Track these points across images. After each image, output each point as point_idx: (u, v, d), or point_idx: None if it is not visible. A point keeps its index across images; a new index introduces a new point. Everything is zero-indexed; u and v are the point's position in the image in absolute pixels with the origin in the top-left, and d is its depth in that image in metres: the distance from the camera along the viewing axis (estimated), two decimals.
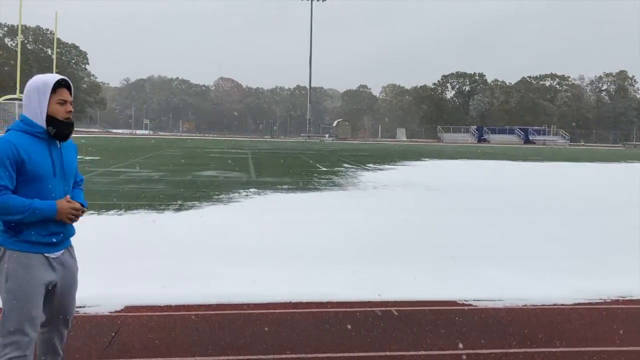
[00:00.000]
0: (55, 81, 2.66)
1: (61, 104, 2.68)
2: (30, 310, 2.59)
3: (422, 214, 9.93)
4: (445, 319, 4.57)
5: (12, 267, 2.57)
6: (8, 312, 2.57)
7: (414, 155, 33.19)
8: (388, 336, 4.14)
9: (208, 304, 4.76)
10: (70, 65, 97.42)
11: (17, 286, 2.56)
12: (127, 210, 9.42)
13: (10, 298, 2.56)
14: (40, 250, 2.63)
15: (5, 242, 2.59)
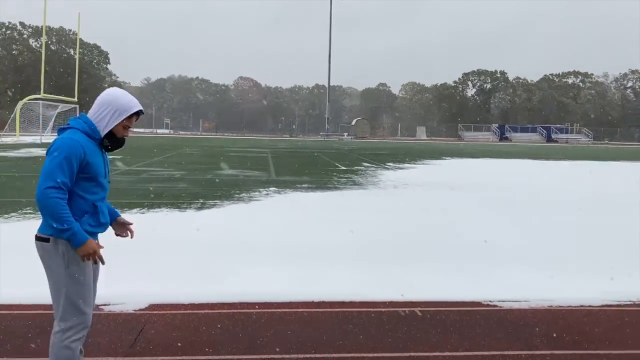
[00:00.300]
0: (138, 109, 2.91)
1: (125, 128, 2.93)
2: (89, 294, 2.84)
3: (444, 214, 9.84)
4: (470, 319, 4.52)
5: (71, 255, 2.74)
6: (71, 297, 2.76)
7: (435, 154, 32.98)
8: (412, 337, 4.10)
9: (231, 302, 4.77)
10: (92, 65, 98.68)
11: (79, 271, 2.77)
12: (150, 208, 9.50)
13: (73, 282, 2.76)
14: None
15: (56, 232, 2.73)
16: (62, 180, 2.67)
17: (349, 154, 32.20)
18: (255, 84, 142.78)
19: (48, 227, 2.77)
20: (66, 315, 2.77)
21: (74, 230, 2.69)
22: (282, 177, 16.31)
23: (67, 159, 2.69)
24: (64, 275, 2.75)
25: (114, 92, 2.92)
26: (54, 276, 2.78)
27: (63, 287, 2.75)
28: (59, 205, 2.66)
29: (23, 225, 7.78)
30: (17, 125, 41.76)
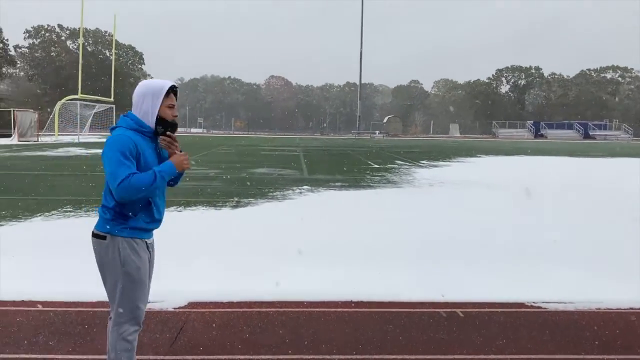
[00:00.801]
0: (168, 87, 2.87)
1: (170, 107, 2.90)
2: (144, 290, 2.89)
3: (482, 212, 9.65)
4: (514, 321, 4.39)
5: (126, 252, 2.79)
6: (126, 293, 2.82)
7: (469, 152, 32.51)
8: (455, 338, 4.00)
9: (269, 301, 4.74)
10: (127, 66, 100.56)
11: (134, 269, 2.81)
12: (187, 207, 9.57)
13: (129, 280, 2.80)
14: (143, 236, 2.88)
15: (113, 229, 2.79)
16: (126, 173, 2.67)
17: (381, 152, 32.01)
18: (286, 82, 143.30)
19: (104, 225, 2.80)
20: (122, 311, 2.84)
21: (158, 171, 2.74)
22: (315, 175, 16.28)
23: (121, 153, 2.70)
24: (120, 272, 2.80)
25: (144, 83, 2.93)
26: (110, 273, 2.83)
27: (119, 283, 2.81)
28: (135, 179, 2.66)
29: (64, 223, 7.92)
30: (55, 125, 42.81)
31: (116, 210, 2.80)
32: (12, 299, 4.62)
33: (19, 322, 4.14)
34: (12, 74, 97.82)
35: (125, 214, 2.81)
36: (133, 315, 2.86)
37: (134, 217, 2.81)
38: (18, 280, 5.06)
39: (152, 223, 2.91)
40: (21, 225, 7.75)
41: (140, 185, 2.68)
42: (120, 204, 2.79)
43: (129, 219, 2.81)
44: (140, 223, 2.84)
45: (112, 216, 2.81)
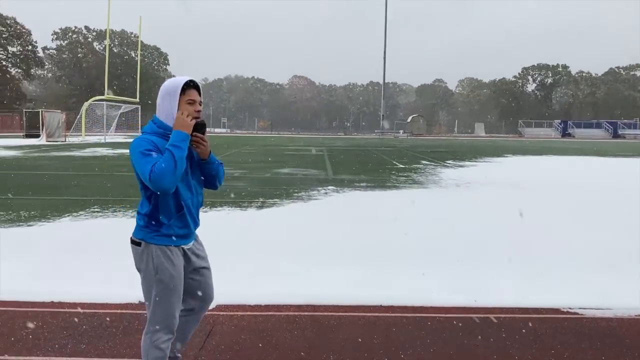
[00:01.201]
0: (183, 82, 2.79)
1: (190, 103, 2.79)
2: (178, 298, 2.84)
3: (512, 214, 9.45)
4: (549, 328, 4.25)
5: (159, 260, 2.76)
6: (160, 301, 2.79)
7: (495, 151, 32.07)
8: (489, 345, 3.89)
9: (297, 304, 4.68)
10: (152, 67, 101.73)
11: (167, 277, 2.77)
12: (212, 207, 9.57)
13: (162, 288, 2.78)
14: (178, 243, 2.84)
15: (146, 237, 2.77)
16: (150, 166, 2.60)
17: (405, 151, 31.77)
18: (309, 82, 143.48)
19: (139, 231, 2.80)
20: (155, 318, 2.82)
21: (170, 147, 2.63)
22: (340, 175, 16.20)
23: (141, 152, 2.66)
24: (154, 279, 2.78)
25: (164, 83, 2.88)
26: (144, 279, 2.83)
27: (153, 290, 2.79)
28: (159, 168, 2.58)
29: (91, 224, 7.98)
30: (82, 125, 43.49)
31: (149, 217, 2.79)
32: (41, 300, 4.63)
33: (49, 323, 4.14)
34: (40, 75, 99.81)
35: (159, 220, 2.77)
36: (166, 323, 2.83)
37: (167, 223, 2.77)
38: (46, 281, 5.08)
39: (184, 228, 2.84)
40: (50, 225, 7.82)
41: (166, 167, 2.59)
42: (153, 210, 2.77)
43: (162, 226, 2.77)
44: (174, 229, 2.79)
45: (145, 223, 2.79)
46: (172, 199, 2.77)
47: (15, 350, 3.65)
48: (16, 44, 78.26)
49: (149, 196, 2.78)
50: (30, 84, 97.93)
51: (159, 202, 2.76)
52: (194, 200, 2.89)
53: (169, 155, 2.62)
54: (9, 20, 77.34)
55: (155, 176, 2.58)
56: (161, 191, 2.64)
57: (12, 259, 5.88)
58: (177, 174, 2.63)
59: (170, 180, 2.60)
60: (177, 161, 2.62)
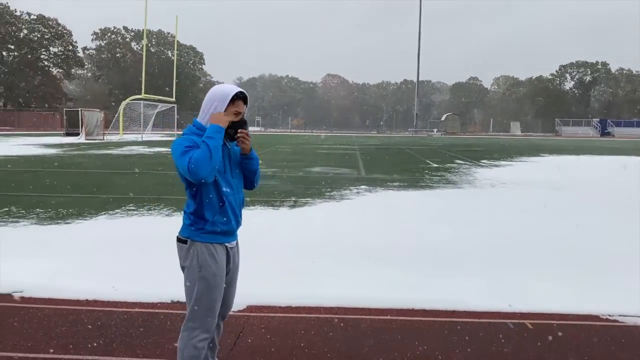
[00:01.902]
0: (233, 93, 2.83)
1: (236, 114, 2.86)
2: (219, 296, 2.88)
3: (549, 215, 9.23)
4: (587, 335, 4.12)
5: (203, 257, 2.81)
6: (200, 297, 2.83)
7: (532, 151, 31.44)
8: (524, 352, 3.78)
9: (328, 306, 4.65)
10: (188, 66, 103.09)
11: (210, 275, 2.81)
12: (245, 206, 9.60)
13: (204, 285, 2.81)
14: (222, 241, 2.88)
15: (192, 234, 2.83)
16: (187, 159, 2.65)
17: (439, 150, 31.41)
18: (343, 80, 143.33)
19: (185, 230, 2.86)
20: (194, 316, 2.85)
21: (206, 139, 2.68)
22: (373, 174, 16.10)
23: (181, 151, 2.71)
24: (197, 277, 2.82)
25: (213, 89, 2.92)
26: (188, 277, 2.86)
27: (195, 288, 2.83)
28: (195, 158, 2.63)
29: (127, 222, 8.10)
30: (120, 124, 44.40)
31: (195, 215, 2.84)
32: (75, 298, 4.71)
33: (82, 322, 4.21)
34: (80, 74, 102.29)
35: (203, 218, 2.83)
36: (205, 321, 2.86)
37: (211, 220, 2.82)
38: (79, 279, 5.17)
39: (228, 224, 2.87)
40: (87, 223, 7.98)
41: (202, 156, 2.64)
42: (198, 209, 2.83)
43: (207, 223, 2.82)
44: (218, 226, 2.84)
45: (191, 221, 2.85)
46: (215, 194, 2.83)
47: (45, 349, 3.71)
48: (57, 44, 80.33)
49: (194, 195, 2.84)
50: (70, 83, 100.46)
51: (203, 199, 2.82)
52: (235, 198, 2.93)
53: (203, 146, 2.68)
54: (50, 21, 79.48)
55: (193, 166, 2.64)
56: (200, 180, 2.68)
57: (48, 256, 6.01)
58: (214, 162, 2.67)
59: (206, 168, 2.64)
60: (212, 150, 2.66)
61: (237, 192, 2.96)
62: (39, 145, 28.95)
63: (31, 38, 77.53)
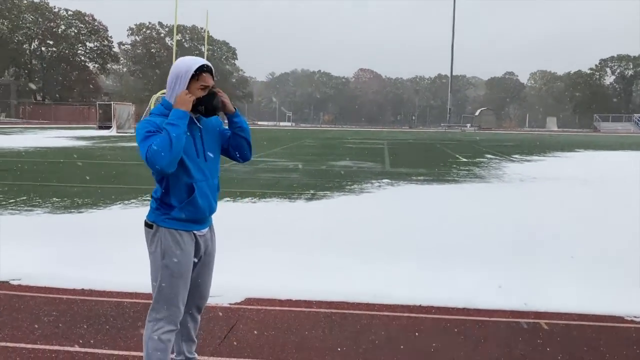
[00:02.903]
0: (196, 67, 2.59)
1: (202, 89, 2.62)
2: (184, 287, 2.68)
3: (577, 211, 8.78)
4: (609, 338, 3.78)
5: (167, 244, 2.61)
6: (164, 288, 2.64)
7: (567, 146, 30.50)
8: (537, 354, 3.48)
9: (330, 300, 4.41)
10: (221, 61, 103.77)
11: (174, 263, 2.62)
12: (261, 198, 9.45)
13: (167, 274, 2.62)
14: (190, 228, 2.67)
15: (157, 219, 2.64)
16: (150, 144, 2.45)
17: (471, 145, 30.74)
18: (375, 75, 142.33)
19: (151, 214, 2.68)
20: (157, 306, 2.67)
21: (167, 125, 2.47)
22: (397, 168, 15.75)
23: (142, 135, 2.51)
24: (160, 264, 2.64)
25: (175, 64, 2.66)
26: (152, 264, 2.70)
27: (158, 276, 2.66)
28: (154, 147, 2.42)
29: (139, 212, 8.00)
30: None
31: (161, 200, 2.66)
32: (71, 287, 4.59)
33: (70, 310, 4.07)
34: (116, 69, 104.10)
35: (169, 204, 2.64)
36: (169, 313, 2.66)
37: (178, 206, 2.62)
38: (78, 268, 5.05)
39: (197, 213, 2.66)
40: (99, 212, 7.91)
41: (161, 145, 2.42)
42: (165, 195, 2.64)
43: (173, 209, 2.62)
44: (185, 213, 2.63)
45: (157, 205, 2.67)
46: (183, 181, 2.62)
47: (27, 339, 3.58)
48: (93, 39, 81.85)
49: (160, 180, 2.66)
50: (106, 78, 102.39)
51: (170, 185, 2.63)
52: (208, 184, 2.71)
53: (164, 134, 2.47)
54: (87, 17, 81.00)
55: (150, 155, 2.44)
56: (158, 171, 2.49)
57: (52, 245, 5.93)
58: (174, 152, 2.45)
59: (165, 159, 2.43)
60: (173, 139, 2.44)
61: (210, 177, 2.73)
62: (71, 138, 29.44)
63: (68, 34, 79.17)
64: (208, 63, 2.63)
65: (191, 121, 2.63)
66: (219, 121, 2.86)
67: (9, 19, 71.62)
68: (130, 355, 3.35)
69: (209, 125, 2.76)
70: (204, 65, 2.60)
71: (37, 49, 78.85)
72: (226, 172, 13.65)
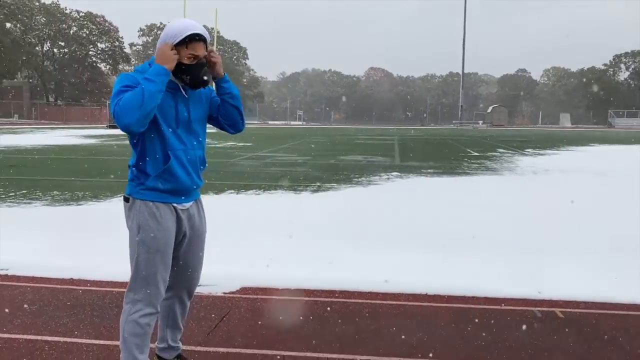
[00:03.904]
0: (186, 35, 2.35)
1: (190, 59, 2.39)
2: (162, 263, 2.44)
3: (590, 201, 8.48)
4: (627, 326, 3.51)
5: (143, 217, 2.40)
6: (141, 265, 2.42)
7: (581, 141, 29.96)
8: (551, 342, 3.21)
9: (331, 289, 4.17)
10: (232, 61, 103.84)
11: (150, 237, 2.40)
12: (266, 190, 9.22)
13: (144, 250, 2.40)
14: (168, 200, 2.44)
15: (132, 191, 2.44)
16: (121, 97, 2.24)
17: (482, 140, 30.30)
18: (386, 74, 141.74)
19: (128, 186, 2.47)
20: (135, 286, 2.45)
21: (144, 80, 2.25)
22: (407, 162, 15.46)
23: (122, 85, 2.29)
24: (136, 240, 2.42)
25: (168, 25, 2.42)
26: (130, 240, 2.47)
27: (135, 253, 2.43)
28: (125, 98, 2.21)
29: None
30: None
31: (136, 168, 2.44)
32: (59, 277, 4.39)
33: (55, 299, 3.86)
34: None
35: (143, 171, 2.41)
36: (148, 293, 2.43)
37: (153, 175, 2.39)
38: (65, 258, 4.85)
39: (174, 183, 2.42)
40: (98, 205, 7.73)
41: (131, 100, 2.20)
42: (139, 160, 2.40)
43: (148, 179, 2.40)
44: (162, 184, 2.40)
45: (132, 176, 2.46)
46: (159, 148, 2.39)
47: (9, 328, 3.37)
48: (105, 40, 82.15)
49: (135, 143, 2.44)
50: None
51: (146, 151, 2.40)
52: (188, 154, 2.46)
53: (138, 89, 2.23)
54: (98, 18, 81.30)
55: (119, 109, 2.21)
56: (125, 128, 2.24)
57: (45, 235, 5.75)
58: (144, 109, 2.22)
59: (133, 115, 2.20)
60: (146, 95, 2.21)
61: (192, 148, 2.49)
62: (80, 136, 29.43)
63: (80, 35, 79.45)
64: (202, 32, 2.38)
65: (177, 88, 2.43)
66: (209, 89, 2.63)
67: (21, 21, 72.06)
68: (113, 344, 3.12)
69: (195, 94, 2.53)
70: (196, 34, 2.36)
71: (49, 51, 79.32)
72: (232, 167, 13.46)
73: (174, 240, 2.49)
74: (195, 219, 2.58)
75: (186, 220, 2.53)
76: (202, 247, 2.67)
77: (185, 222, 2.52)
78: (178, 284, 2.64)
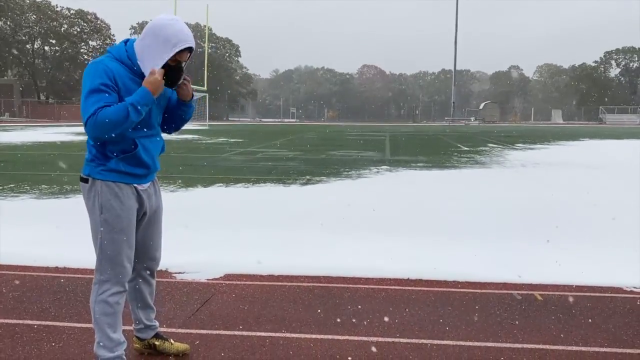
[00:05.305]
0: (186, 46, 2.38)
1: (174, 62, 2.42)
2: (126, 242, 2.46)
3: (576, 191, 8.55)
4: (605, 308, 3.55)
5: (106, 197, 2.41)
6: (105, 245, 2.44)
7: (571, 136, 30.13)
8: (529, 324, 3.25)
9: (314, 275, 4.20)
10: (224, 58, 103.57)
11: (114, 217, 2.41)
12: (255, 183, 9.24)
13: (108, 229, 2.42)
14: (129, 181, 2.46)
15: (92, 172, 2.43)
16: (95, 107, 2.25)
17: (473, 136, 30.41)
18: (379, 71, 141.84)
19: (86, 167, 2.46)
20: (101, 266, 2.47)
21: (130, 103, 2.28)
22: (397, 157, 15.51)
23: (99, 83, 2.29)
24: (99, 221, 2.43)
25: (160, 23, 2.38)
26: (91, 222, 2.48)
27: (98, 234, 2.44)
28: (105, 114, 2.24)
29: None
30: None
31: (96, 149, 2.43)
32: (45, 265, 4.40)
33: (39, 286, 3.87)
34: None
35: (106, 154, 2.41)
36: (114, 273, 2.46)
37: (116, 157, 2.40)
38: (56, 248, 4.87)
39: (138, 168, 2.47)
40: None
41: (110, 120, 2.24)
42: (101, 143, 2.39)
43: (110, 160, 2.41)
44: (124, 166, 2.43)
45: (92, 156, 2.45)
46: (127, 134, 2.40)
47: None
48: (96, 38, 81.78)
49: None
50: None
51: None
52: (152, 140, 2.54)
53: (121, 112, 2.27)
54: (89, 15, 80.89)
55: (94, 122, 2.25)
56: (93, 139, 2.33)
57: (32, 226, 5.76)
58: (119, 130, 2.30)
59: (107, 133, 2.29)
60: (127, 123, 2.30)
61: (156, 134, 2.59)
62: (70, 134, 29.29)
63: (71, 32, 79.07)
64: (193, 46, 2.41)
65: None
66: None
67: (11, 18, 71.61)
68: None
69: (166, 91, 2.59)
70: (191, 47, 2.41)
71: (40, 48, 78.87)
72: (223, 161, 13.46)
73: (137, 219, 2.53)
74: (153, 198, 2.64)
75: (147, 200, 2.57)
76: (160, 226, 2.73)
77: (146, 201, 2.57)
78: (139, 263, 2.67)
